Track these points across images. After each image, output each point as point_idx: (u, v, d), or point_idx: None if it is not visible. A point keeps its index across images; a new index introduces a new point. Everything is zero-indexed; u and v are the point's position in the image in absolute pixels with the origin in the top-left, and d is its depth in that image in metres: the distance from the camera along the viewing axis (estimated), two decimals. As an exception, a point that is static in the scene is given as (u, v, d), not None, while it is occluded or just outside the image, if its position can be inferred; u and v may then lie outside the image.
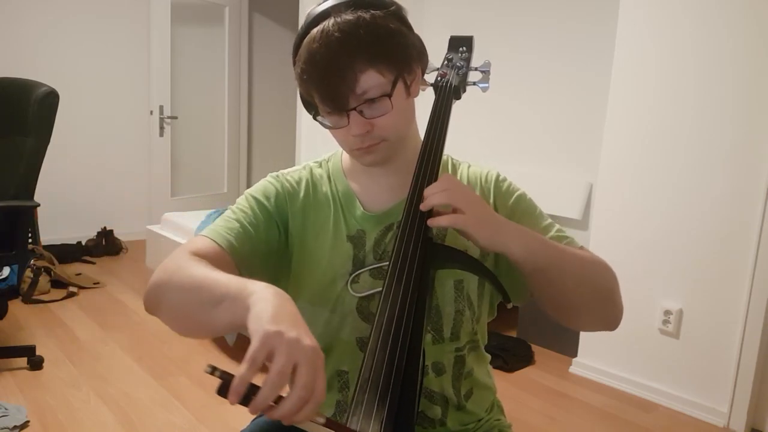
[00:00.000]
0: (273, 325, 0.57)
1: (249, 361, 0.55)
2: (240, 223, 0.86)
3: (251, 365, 0.55)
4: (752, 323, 2.13)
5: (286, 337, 0.56)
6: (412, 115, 0.88)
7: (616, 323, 0.87)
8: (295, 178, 0.93)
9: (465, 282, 0.88)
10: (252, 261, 0.84)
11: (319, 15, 0.80)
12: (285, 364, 0.55)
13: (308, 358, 0.56)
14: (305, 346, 0.57)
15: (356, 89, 0.77)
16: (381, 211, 0.89)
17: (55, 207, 4.09)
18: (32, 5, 4.02)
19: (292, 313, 0.62)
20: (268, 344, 0.56)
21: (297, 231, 0.90)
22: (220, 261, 0.80)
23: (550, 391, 2.47)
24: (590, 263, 0.84)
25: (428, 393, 0.88)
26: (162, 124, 4.44)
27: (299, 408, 0.55)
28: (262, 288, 0.64)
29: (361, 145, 0.82)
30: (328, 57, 0.76)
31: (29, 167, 2.33)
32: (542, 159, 3.23)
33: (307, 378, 0.55)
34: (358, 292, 0.86)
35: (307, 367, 0.56)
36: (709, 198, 2.21)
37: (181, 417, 2.09)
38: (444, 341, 0.87)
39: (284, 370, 0.55)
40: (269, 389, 0.54)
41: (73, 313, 3.07)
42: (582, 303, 0.84)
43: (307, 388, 0.55)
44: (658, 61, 2.32)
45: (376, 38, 0.77)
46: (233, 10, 4.87)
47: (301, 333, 0.58)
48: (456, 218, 0.75)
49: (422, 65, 0.87)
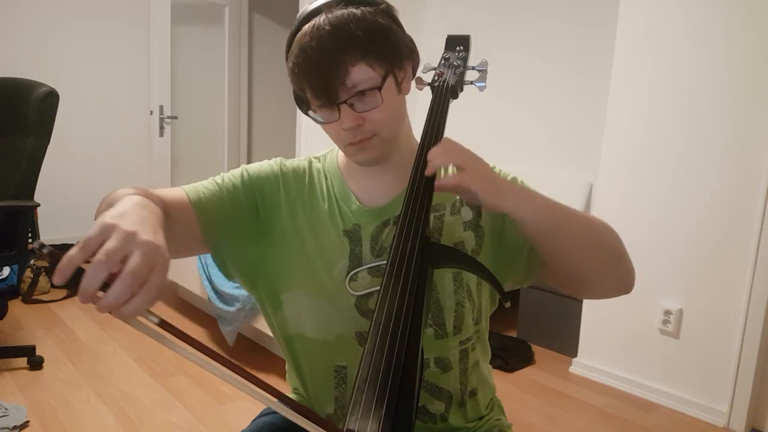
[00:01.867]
0: (115, 219, 0.55)
1: (80, 243, 0.53)
2: (219, 187, 0.88)
3: (81, 248, 0.52)
4: (752, 323, 2.13)
5: (122, 228, 0.54)
6: (403, 112, 0.88)
7: (631, 285, 0.87)
8: (295, 166, 0.94)
9: (463, 273, 0.88)
10: (214, 225, 0.86)
11: (310, 12, 0.81)
12: (114, 248, 0.52)
13: (143, 249, 0.53)
14: (143, 238, 0.54)
15: (347, 82, 0.78)
16: (377, 206, 0.89)
17: (55, 207, 4.09)
18: (32, 5, 4.01)
19: (144, 216, 0.59)
20: (103, 233, 0.54)
21: (287, 219, 0.90)
22: (183, 211, 0.82)
23: (550, 391, 2.47)
24: (598, 224, 0.83)
25: (432, 388, 0.88)
26: (162, 124, 4.44)
27: (125, 296, 0.51)
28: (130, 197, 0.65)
29: (353, 140, 0.82)
30: (319, 50, 0.77)
31: (29, 167, 2.33)
32: (542, 159, 3.23)
33: (138, 264, 0.52)
34: (356, 290, 0.86)
35: (139, 255, 0.52)
36: (709, 198, 2.21)
37: (181, 417, 2.09)
38: (447, 335, 0.87)
39: (111, 252, 0.52)
40: (92, 269, 0.51)
41: (73, 313, 3.07)
42: (595, 266, 0.83)
43: (136, 276, 0.51)
44: (658, 61, 2.32)
45: (366, 32, 0.78)
46: (233, 10, 4.87)
47: (145, 230, 0.55)
48: (462, 177, 0.75)
49: (413, 63, 0.87)
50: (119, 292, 0.51)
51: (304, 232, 0.89)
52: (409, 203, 0.79)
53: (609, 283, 0.87)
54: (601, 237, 0.83)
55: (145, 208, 0.62)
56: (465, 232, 0.90)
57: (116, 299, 0.51)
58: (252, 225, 0.89)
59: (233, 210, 0.88)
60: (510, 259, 0.90)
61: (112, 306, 0.51)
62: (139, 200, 0.64)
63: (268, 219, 0.90)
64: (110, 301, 0.51)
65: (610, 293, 0.89)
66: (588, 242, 0.81)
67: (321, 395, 0.91)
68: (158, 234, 0.57)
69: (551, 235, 0.79)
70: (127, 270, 0.51)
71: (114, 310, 0.52)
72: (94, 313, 3.08)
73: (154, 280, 0.53)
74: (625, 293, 0.87)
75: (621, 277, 0.86)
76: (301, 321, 0.88)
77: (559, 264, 0.83)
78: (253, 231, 0.90)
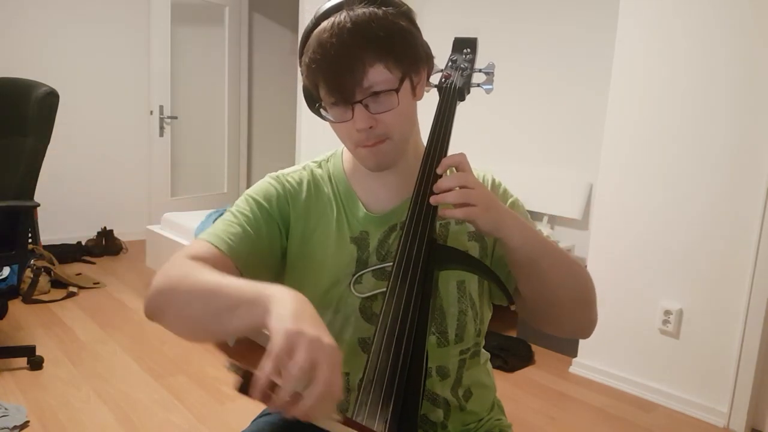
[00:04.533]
0: (295, 324, 0.59)
1: (273, 358, 0.56)
2: (241, 226, 0.85)
3: (275, 362, 0.56)
4: (752, 323, 2.13)
5: (307, 335, 0.58)
6: (415, 117, 0.88)
7: (589, 332, 0.89)
8: (296, 179, 0.92)
9: (467, 282, 0.88)
10: (253, 264, 0.84)
11: (330, 8, 0.80)
12: (306, 360, 0.56)
13: (328, 356, 0.58)
14: (325, 344, 0.58)
15: (363, 82, 0.77)
16: (384, 211, 0.89)
17: (55, 207, 4.09)
18: (32, 5, 4.02)
19: (312, 313, 0.63)
20: (290, 342, 0.57)
21: (299, 232, 0.89)
22: (221, 265, 0.79)
23: (550, 391, 2.47)
24: (577, 265, 0.85)
25: (432, 396, 0.88)
26: (162, 124, 4.45)
27: (319, 404, 0.56)
28: (280, 290, 0.65)
29: (366, 143, 0.81)
30: (338, 47, 0.76)
31: (29, 167, 2.33)
32: (542, 159, 3.23)
33: (327, 374, 0.56)
34: (361, 292, 0.86)
35: (327, 364, 0.57)
36: (710, 198, 2.21)
37: (181, 417, 2.09)
38: (449, 344, 0.87)
39: (305, 366, 0.56)
40: (290, 385, 0.55)
41: (73, 313, 3.07)
42: (564, 304, 0.84)
43: (327, 385, 0.56)
44: (658, 61, 2.32)
45: (387, 34, 0.77)
46: (233, 10, 4.88)
47: (321, 332, 0.59)
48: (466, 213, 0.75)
49: (428, 68, 0.87)
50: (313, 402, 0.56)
51: (314, 242, 0.89)
52: (416, 208, 0.79)
53: (572, 323, 0.88)
54: (576, 278, 0.84)
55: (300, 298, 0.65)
56: (469, 242, 0.90)
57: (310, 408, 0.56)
58: (279, 250, 0.90)
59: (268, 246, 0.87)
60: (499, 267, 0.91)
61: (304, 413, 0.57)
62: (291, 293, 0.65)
63: (287, 237, 0.90)
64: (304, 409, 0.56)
65: (569, 333, 0.90)
66: (564, 279, 0.82)
67: None
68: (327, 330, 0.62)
69: (534, 264, 0.79)
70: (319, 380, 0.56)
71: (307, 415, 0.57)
72: (94, 313, 3.08)
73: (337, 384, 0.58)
74: (582, 338, 0.90)
75: (583, 322, 0.88)
76: None
77: (532, 293, 0.84)
78: (282, 255, 0.90)
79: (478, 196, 0.75)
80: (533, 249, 0.78)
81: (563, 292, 0.83)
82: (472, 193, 0.75)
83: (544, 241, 0.81)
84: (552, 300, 0.84)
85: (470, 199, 0.74)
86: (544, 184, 3.09)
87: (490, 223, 0.75)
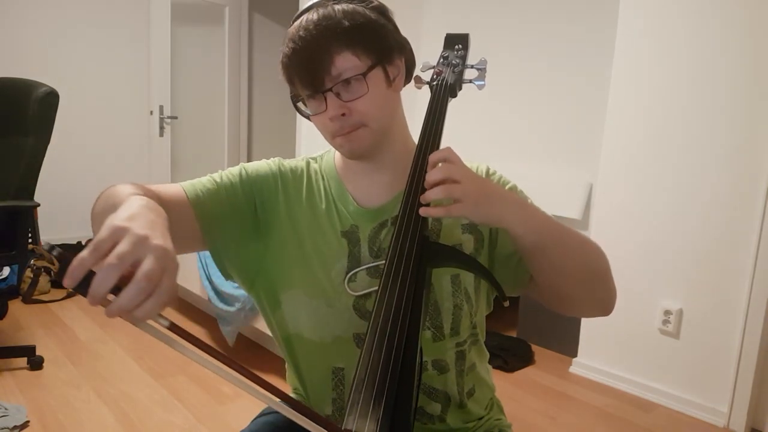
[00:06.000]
0: (125, 222, 0.55)
1: (91, 246, 0.52)
2: (217, 186, 0.88)
3: (93, 250, 0.52)
4: (752, 323, 2.13)
5: (134, 231, 0.54)
6: (395, 108, 0.88)
7: (611, 307, 0.88)
8: (293, 167, 0.95)
9: (462, 276, 0.88)
10: (214, 225, 0.86)
11: (303, 10, 0.84)
12: (127, 251, 0.52)
13: (155, 253, 0.53)
14: (154, 243, 0.53)
15: (332, 70, 0.79)
16: (375, 206, 0.89)
17: (55, 207, 4.08)
18: (32, 5, 4.01)
19: (153, 220, 0.59)
20: (114, 235, 0.53)
21: (285, 219, 0.90)
22: (181, 209, 0.82)
23: (550, 391, 2.47)
24: (588, 244, 0.84)
25: (429, 390, 0.88)
26: (162, 124, 4.44)
27: (138, 299, 0.51)
28: (138, 199, 0.64)
29: (341, 132, 0.82)
30: (306, 40, 0.79)
31: (29, 167, 2.33)
32: (542, 159, 3.23)
33: (151, 268, 0.51)
34: (355, 290, 0.86)
35: (152, 259, 0.52)
36: (709, 198, 2.21)
37: (181, 417, 2.09)
38: (444, 338, 0.87)
39: (123, 255, 0.51)
40: (104, 272, 0.51)
41: (73, 313, 3.07)
42: (581, 286, 0.83)
43: (149, 279, 0.51)
44: (658, 61, 2.32)
45: (352, 23, 0.80)
46: (233, 10, 4.87)
47: (156, 234, 0.55)
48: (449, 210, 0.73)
49: (406, 60, 0.88)
50: (132, 295, 0.51)
51: (303, 232, 0.89)
52: (407, 204, 0.79)
53: (591, 303, 0.88)
54: (590, 258, 0.83)
55: (153, 211, 0.62)
56: (463, 234, 0.90)
57: (129, 303, 0.51)
58: (250, 224, 0.89)
59: (231, 209, 0.88)
60: (501, 264, 0.91)
61: (124, 309, 0.51)
62: (146, 202, 0.63)
63: (267, 218, 0.90)
64: (122, 304, 0.51)
65: (590, 313, 0.90)
66: (579, 263, 0.82)
67: (319, 396, 0.91)
68: (168, 238, 0.57)
69: (543, 252, 0.79)
70: (140, 274, 0.51)
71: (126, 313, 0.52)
72: (95, 313, 3.08)
73: (165, 284, 0.53)
74: (605, 315, 0.89)
75: (604, 300, 0.87)
76: (299, 321, 0.88)
77: (547, 280, 0.83)
78: (251, 230, 0.89)
79: (464, 191, 0.73)
80: (540, 234, 0.77)
81: (579, 277, 0.82)
82: (458, 188, 0.73)
83: (552, 225, 0.79)
84: (567, 286, 0.83)
85: (455, 194, 0.73)
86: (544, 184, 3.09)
87: (484, 216, 0.74)
